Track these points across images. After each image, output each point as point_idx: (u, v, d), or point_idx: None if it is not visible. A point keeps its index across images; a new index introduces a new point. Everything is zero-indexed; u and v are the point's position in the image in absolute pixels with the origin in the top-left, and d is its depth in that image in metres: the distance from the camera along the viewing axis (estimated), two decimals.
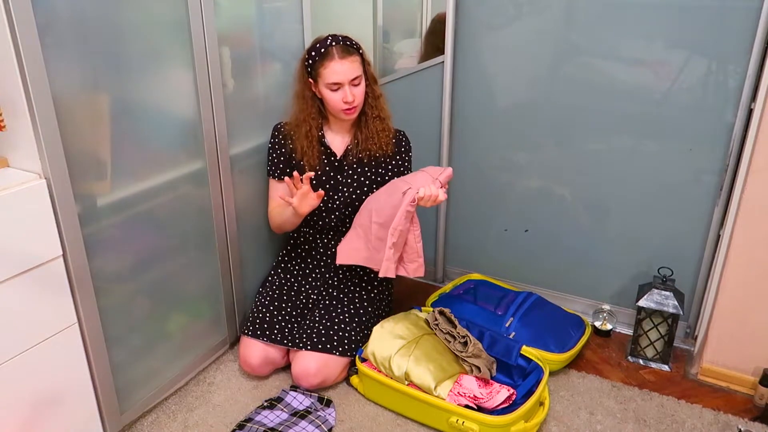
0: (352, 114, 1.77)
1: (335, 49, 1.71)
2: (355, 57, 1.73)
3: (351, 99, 1.72)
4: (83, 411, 1.50)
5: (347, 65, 1.70)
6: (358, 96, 1.74)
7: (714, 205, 1.86)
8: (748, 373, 1.80)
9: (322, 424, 1.63)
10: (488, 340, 1.83)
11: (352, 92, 1.72)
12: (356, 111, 1.77)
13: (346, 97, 1.71)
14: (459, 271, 2.40)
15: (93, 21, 1.33)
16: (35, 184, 1.26)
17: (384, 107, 1.85)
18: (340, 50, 1.71)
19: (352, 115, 1.77)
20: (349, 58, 1.71)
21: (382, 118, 1.84)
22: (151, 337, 1.68)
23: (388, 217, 1.70)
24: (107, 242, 1.47)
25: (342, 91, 1.72)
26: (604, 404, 1.76)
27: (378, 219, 1.73)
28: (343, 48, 1.72)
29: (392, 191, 1.73)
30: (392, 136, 1.87)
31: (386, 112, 1.85)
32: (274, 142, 1.89)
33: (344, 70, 1.70)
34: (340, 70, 1.70)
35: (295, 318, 1.86)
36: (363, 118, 1.84)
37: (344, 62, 1.70)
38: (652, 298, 1.88)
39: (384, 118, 1.84)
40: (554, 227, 2.15)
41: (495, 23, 2.02)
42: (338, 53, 1.70)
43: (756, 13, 1.64)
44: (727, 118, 1.77)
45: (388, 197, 1.73)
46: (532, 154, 2.10)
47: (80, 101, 1.35)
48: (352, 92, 1.72)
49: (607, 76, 1.89)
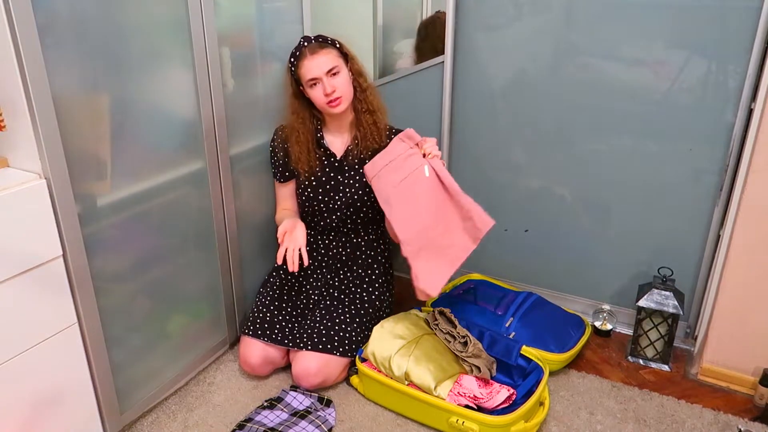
0: (337, 105, 1.75)
1: (307, 48, 1.73)
2: (329, 50, 1.73)
3: (330, 90, 1.71)
4: (83, 411, 1.50)
5: (319, 59, 1.71)
6: (339, 86, 1.73)
7: (714, 205, 1.86)
8: (748, 373, 1.80)
9: (322, 424, 1.63)
10: (488, 340, 1.83)
11: (331, 83, 1.71)
12: (342, 102, 1.75)
13: (325, 89, 1.71)
14: (459, 271, 2.39)
15: (93, 21, 1.33)
16: (35, 184, 1.26)
17: (373, 100, 1.83)
18: (312, 47, 1.72)
19: (339, 107, 1.75)
20: (320, 52, 1.71)
21: (372, 110, 1.82)
22: (151, 337, 1.68)
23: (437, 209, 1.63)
24: (107, 242, 1.47)
25: (321, 85, 1.72)
26: (604, 404, 1.76)
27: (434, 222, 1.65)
28: (314, 45, 1.73)
29: (406, 190, 1.64)
30: (387, 134, 1.85)
31: (376, 105, 1.83)
32: (273, 146, 1.90)
33: (317, 65, 1.71)
34: (313, 65, 1.71)
35: (296, 318, 1.86)
36: (357, 115, 1.83)
37: (315, 57, 1.71)
38: (652, 298, 1.88)
39: (374, 111, 1.83)
40: (554, 227, 2.15)
41: (495, 23, 2.02)
42: (309, 51, 1.72)
43: (756, 13, 1.64)
44: (727, 118, 1.77)
45: (416, 198, 1.64)
46: (532, 154, 2.10)
47: (80, 101, 1.35)
48: (330, 83, 1.71)
49: (607, 76, 1.89)
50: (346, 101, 1.77)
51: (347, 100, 1.77)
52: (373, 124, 1.83)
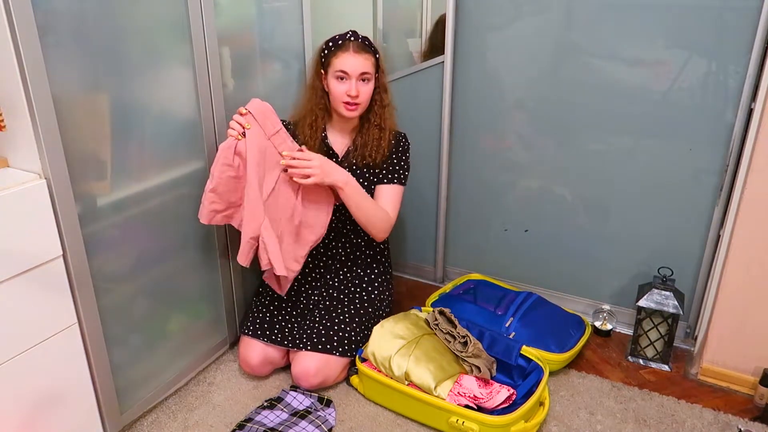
0: (353, 110, 1.74)
1: (353, 43, 1.71)
2: (370, 56, 1.72)
3: (355, 93, 1.70)
4: (83, 411, 1.50)
5: (360, 59, 1.70)
6: (363, 93, 1.72)
7: (714, 205, 1.86)
8: (748, 373, 1.80)
9: (322, 424, 1.63)
10: (488, 340, 1.83)
11: (358, 87, 1.71)
12: (358, 109, 1.75)
13: (350, 90, 1.70)
14: (459, 271, 2.40)
15: (93, 21, 1.33)
16: (35, 184, 1.26)
17: (388, 119, 1.82)
18: (357, 45, 1.71)
19: (353, 112, 1.75)
20: (363, 54, 1.71)
21: (383, 128, 1.81)
22: (151, 337, 1.68)
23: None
24: (107, 242, 1.47)
25: (348, 83, 1.71)
26: (604, 404, 1.76)
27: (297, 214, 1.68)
28: (360, 44, 1.72)
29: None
30: (388, 146, 1.83)
31: (388, 124, 1.82)
32: None
33: (355, 63, 1.69)
34: (353, 62, 1.69)
35: (295, 318, 1.86)
36: (365, 125, 1.83)
37: (357, 56, 1.70)
38: (652, 298, 1.88)
39: (384, 129, 1.81)
40: (554, 227, 2.15)
41: (495, 23, 2.02)
42: (354, 47, 1.70)
43: (756, 13, 1.64)
44: (727, 118, 1.77)
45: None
46: (532, 154, 2.10)
47: (80, 101, 1.35)
48: (357, 87, 1.71)
49: (608, 76, 1.89)
50: (361, 110, 1.76)
51: (362, 109, 1.76)
52: (378, 139, 1.81)
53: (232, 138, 1.59)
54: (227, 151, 1.59)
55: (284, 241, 1.70)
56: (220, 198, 1.63)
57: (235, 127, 1.60)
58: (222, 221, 1.68)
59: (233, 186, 1.63)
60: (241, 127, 1.60)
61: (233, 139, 1.59)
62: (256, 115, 1.62)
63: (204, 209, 1.64)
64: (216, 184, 1.61)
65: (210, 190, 1.61)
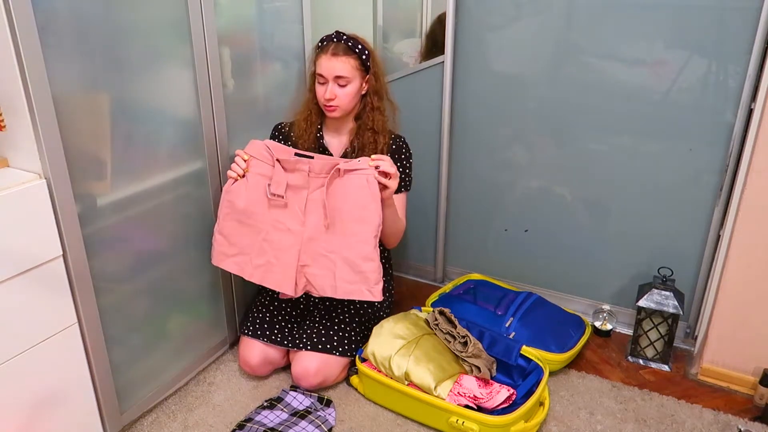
0: (332, 112, 1.74)
1: (333, 45, 1.70)
2: (350, 58, 1.70)
3: (329, 96, 1.70)
4: (83, 411, 1.50)
5: (336, 63, 1.68)
6: (340, 96, 1.71)
7: (714, 205, 1.86)
8: (748, 373, 1.80)
9: (322, 424, 1.63)
10: (488, 340, 1.83)
11: (333, 91, 1.70)
12: (337, 111, 1.73)
13: (325, 92, 1.70)
14: (459, 271, 2.40)
15: (93, 21, 1.33)
16: (35, 184, 1.26)
17: (379, 121, 1.79)
18: (337, 47, 1.70)
19: (333, 114, 1.74)
20: (341, 57, 1.69)
21: (375, 131, 1.79)
22: (151, 337, 1.68)
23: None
24: (107, 242, 1.47)
25: (325, 87, 1.71)
26: (604, 404, 1.76)
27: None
28: (341, 46, 1.70)
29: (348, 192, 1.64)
30: (386, 148, 1.81)
31: (381, 126, 1.80)
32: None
33: (331, 67, 1.68)
34: (327, 66, 1.69)
35: (295, 318, 1.86)
36: (361, 127, 1.81)
37: (334, 59, 1.68)
38: (652, 298, 1.88)
39: (377, 132, 1.79)
40: (554, 227, 2.15)
41: (495, 23, 2.02)
42: (333, 50, 1.69)
43: (756, 13, 1.64)
44: (727, 118, 1.77)
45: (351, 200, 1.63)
46: (532, 154, 2.10)
47: (80, 101, 1.35)
48: (332, 90, 1.70)
49: (607, 76, 1.89)
50: (342, 111, 1.75)
51: (344, 111, 1.75)
52: (374, 143, 1.80)
53: (231, 179, 1.65)
54: (224, 194, 1.67)
55: (333, 251, 1.68)
56: (228, 241, 1.68)
57: (236, 169, 1.65)
58: (233, 268, 1.70)
59: (238, 230, 1.66)
60: (241, 170, 1.64)
61: (232, 180, 1.65)
62: (256, 155, 1.66)
63: (213, 251, 1.71)
64: (221, 226, 1.67)
65: (218, 232, 1.68)
